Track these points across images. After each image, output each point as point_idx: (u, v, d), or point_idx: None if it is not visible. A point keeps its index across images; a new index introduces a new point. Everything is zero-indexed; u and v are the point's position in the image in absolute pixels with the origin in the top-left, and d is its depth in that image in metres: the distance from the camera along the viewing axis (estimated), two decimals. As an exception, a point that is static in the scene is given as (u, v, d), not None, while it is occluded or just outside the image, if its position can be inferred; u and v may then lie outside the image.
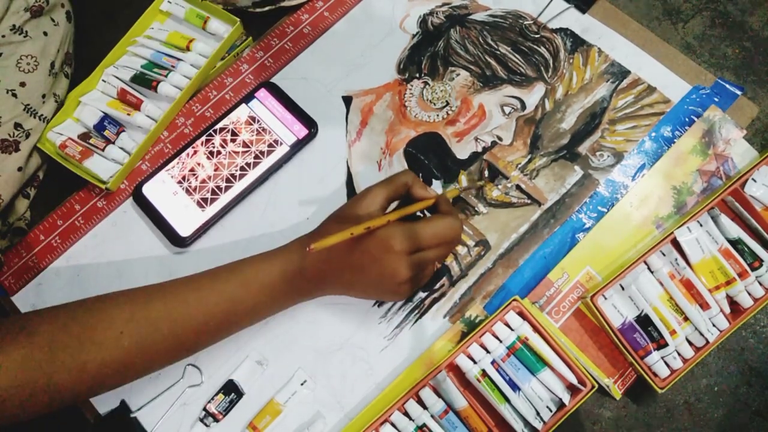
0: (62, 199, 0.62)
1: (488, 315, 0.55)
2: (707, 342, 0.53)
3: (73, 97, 0.63)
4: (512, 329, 0.53)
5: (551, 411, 0.51)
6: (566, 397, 0.51)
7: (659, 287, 0.54)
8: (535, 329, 0.53)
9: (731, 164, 0.58)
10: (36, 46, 0.59)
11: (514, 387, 0.51)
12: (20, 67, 0.58)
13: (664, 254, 0.55)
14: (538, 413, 0.51)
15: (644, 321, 0.53)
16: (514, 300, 0.54)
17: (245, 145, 0.62)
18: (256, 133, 0.62)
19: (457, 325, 0.55)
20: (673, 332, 0.52)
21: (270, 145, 0.61)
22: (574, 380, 0.51)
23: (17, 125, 0.58)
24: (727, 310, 0.54)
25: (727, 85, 0.61)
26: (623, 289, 0.55)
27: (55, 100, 0.62)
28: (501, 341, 0.53)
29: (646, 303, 0.53)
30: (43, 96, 0.60)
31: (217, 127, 0.62)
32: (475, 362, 0.52)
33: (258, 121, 0.62)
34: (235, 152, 0.61)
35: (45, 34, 0.60)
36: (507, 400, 0.51)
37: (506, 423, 0.51)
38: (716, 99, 0.60)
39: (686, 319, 0.53)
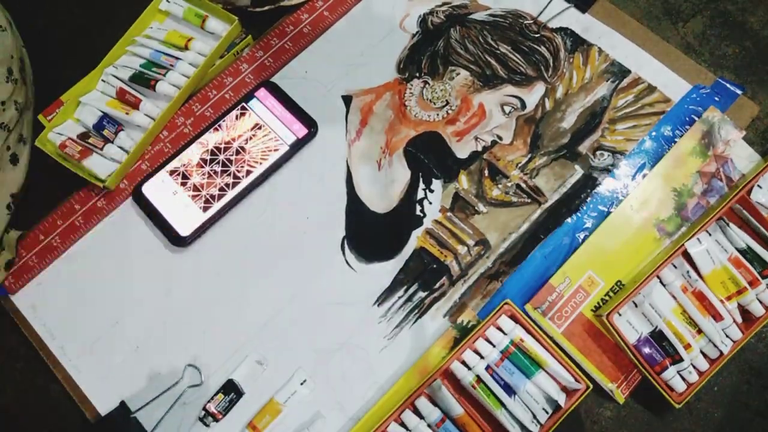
0: (62, 199, 0.62)
1: (480, 320, 0.55)
2: (721, 354, 0.52)
3: (73, 98, 0.63)
4: (505, 333, 0.53)
5: (548, 413, 0.51)
6: (562, 399, 0.51)
7: (672, 301, 0.54)
8: (528, 332, 0.53)
9: (731, 165, 0.58)
10: None
11: (510, 391, 0.51)
12: None
13: (675, 267, 0.55)
14: (534, 416, 0.51)
15: (659, 336, 0.52)
16: (506, 303, 0.53)
17: (245, 144, 0.62)
18: (256, 133, 0.62)
19: (449, 332, 0.55)
20: (687, 346, 0.52)
21: (270, 145, 0.61)
22: (568, 381, 0.51)
23: None
24: (740, 319, 0.53)
25: (728, 85, 0.60)
26: (636, 306, 0.54)
27: (16, 108, 0.59)
28: (494, 346, 0.52)
29: (659, 318, 0.53)
30: (3, 103, 0.58)
31: (217, 126, 0.62)
32: (469, 368, 0.52)
33: (258, 120, 0.62)
34: (235, 152, 0.61)
35: None
36: (503, 405, 0.51)
37: (503, 428, 0.51)
38: (716, 98, 0.60)
39: (700, 331, 0.53)
